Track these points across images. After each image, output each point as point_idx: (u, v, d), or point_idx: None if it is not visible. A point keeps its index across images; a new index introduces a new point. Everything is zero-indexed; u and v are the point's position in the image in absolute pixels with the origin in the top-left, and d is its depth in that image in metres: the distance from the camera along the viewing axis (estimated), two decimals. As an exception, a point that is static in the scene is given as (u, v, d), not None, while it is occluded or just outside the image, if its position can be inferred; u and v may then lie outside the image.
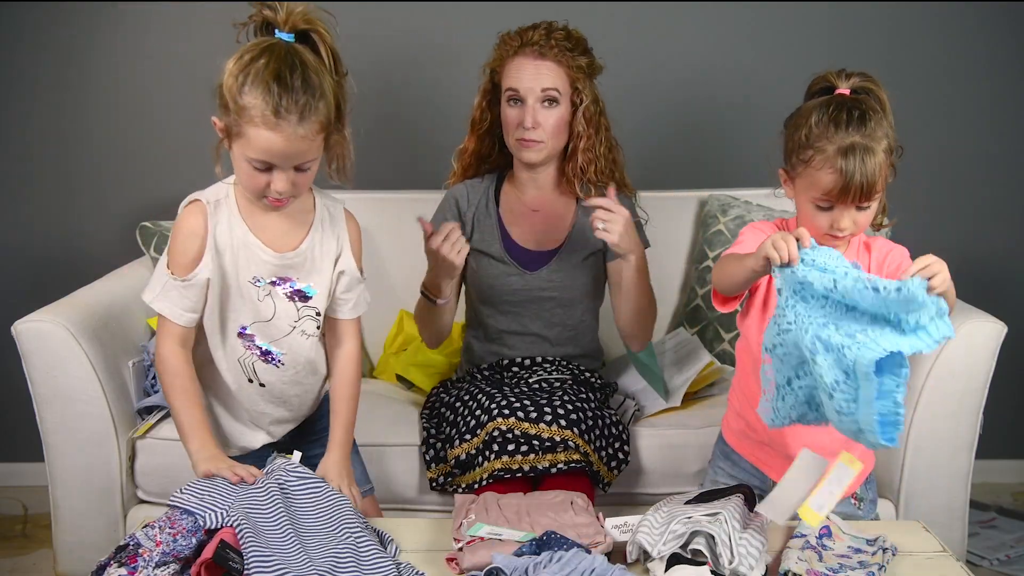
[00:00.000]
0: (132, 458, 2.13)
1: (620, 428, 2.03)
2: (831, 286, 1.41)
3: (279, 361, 1.72)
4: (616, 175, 2.19)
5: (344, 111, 1.62)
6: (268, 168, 1.55)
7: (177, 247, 1.65)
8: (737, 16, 2.77)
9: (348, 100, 1.63)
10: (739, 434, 1.84)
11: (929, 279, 1.38)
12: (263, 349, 1.71)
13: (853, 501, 1.82)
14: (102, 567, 1.47)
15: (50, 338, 2.02)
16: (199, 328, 1.69)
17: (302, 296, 1.70)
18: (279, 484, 1.58)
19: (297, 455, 1.67)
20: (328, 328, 1.78)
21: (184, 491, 1.55)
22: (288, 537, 1.47)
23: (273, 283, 1.68)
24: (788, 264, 1.46)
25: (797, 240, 1.47)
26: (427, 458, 2.07)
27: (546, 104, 2.09)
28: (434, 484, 2.05)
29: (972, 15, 2.76)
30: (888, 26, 2.77)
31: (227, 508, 1.51)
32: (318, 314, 1.73)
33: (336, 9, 1.66)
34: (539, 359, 2.18)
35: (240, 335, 1.69)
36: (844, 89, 1.66)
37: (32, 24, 2.75)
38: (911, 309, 1.37)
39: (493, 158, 2.26)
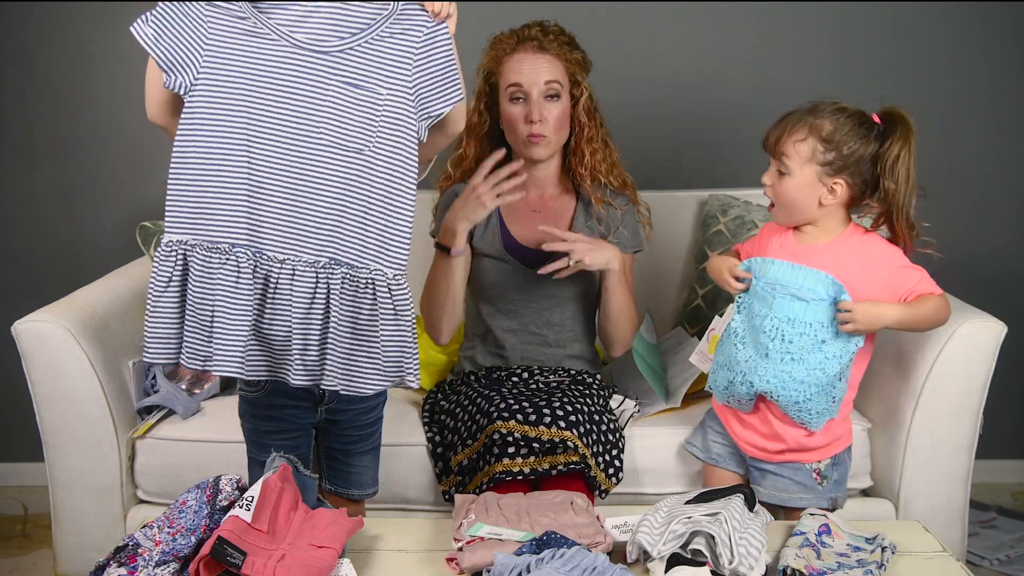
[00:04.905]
0: (132, 458, 2.13)
1: (617, 436, 2.03)
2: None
3: None
4: (615, 172, 2.20)
5: None
6: None
7: None
8: (737, 16, 2.77)
9: None
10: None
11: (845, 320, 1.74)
12: None
13: (815, 476, 1.84)
14: (101, 567, 1.47)
15: (50, 338, 2.02)
16: None
17: None
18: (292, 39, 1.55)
19: None
20: None
21: (149, 23, 1.57)
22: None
23: None
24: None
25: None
26: (437, 471, 2.08)
27: (549, 98, 2.10)
28: (447, 496, 2.05)
29: (972, 15, 2.76)
30: (890, 25, 2.77)
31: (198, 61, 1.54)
32: None
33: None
34: (536, 368, 2.18)
35: None
36: None
37: (32, 24, 2.75)
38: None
39: None
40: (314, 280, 1.55)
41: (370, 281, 1.57)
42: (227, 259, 1.53)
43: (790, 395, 1.77)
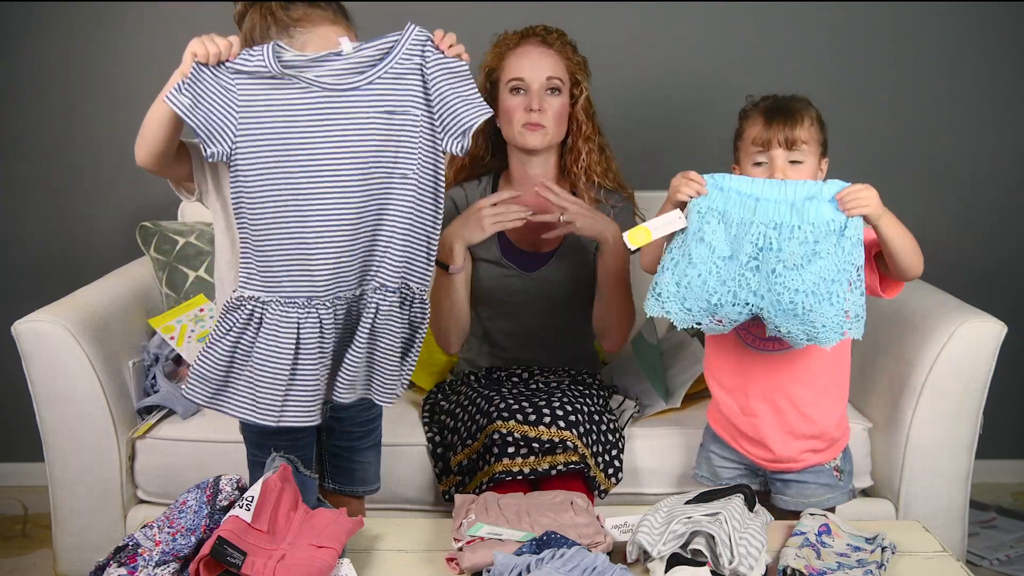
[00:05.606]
0: (132, 458, 2.13)
1: (617, 436, 2.03)
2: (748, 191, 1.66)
3: None
4: (610, 175, 2.20)
5: None
6: None
7: None
8: (736, 16, 2.77)
9: None
10: (718, 418, 1.90)
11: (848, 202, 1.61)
12: None
13: (836, 474, 1.84)
14: (101, 567, 1.47)
15: (50, 338, 2.02)
16: None
17: None
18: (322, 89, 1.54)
19: (346, 42, 1.55)
20: None
21: (183, 91, 1.51)
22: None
23: None
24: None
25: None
26: (437, 471, 2.08)
27: (550, 92, 2.10)
28: (447, 496, 2.05)
29: (971, 15, 2.76)
30: (888, 26, 2.77)
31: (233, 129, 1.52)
32: None
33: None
34: (536, 369, 2.18)
35: None
36: None
37: (32, 24, 2.75)
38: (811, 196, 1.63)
39: (487, 161, 2.25)
40: (398, 302, 1.60)
41: (413, 297, 1.63)
42: (308, 312, 1.56)
43: (784, 307, 1.61)
